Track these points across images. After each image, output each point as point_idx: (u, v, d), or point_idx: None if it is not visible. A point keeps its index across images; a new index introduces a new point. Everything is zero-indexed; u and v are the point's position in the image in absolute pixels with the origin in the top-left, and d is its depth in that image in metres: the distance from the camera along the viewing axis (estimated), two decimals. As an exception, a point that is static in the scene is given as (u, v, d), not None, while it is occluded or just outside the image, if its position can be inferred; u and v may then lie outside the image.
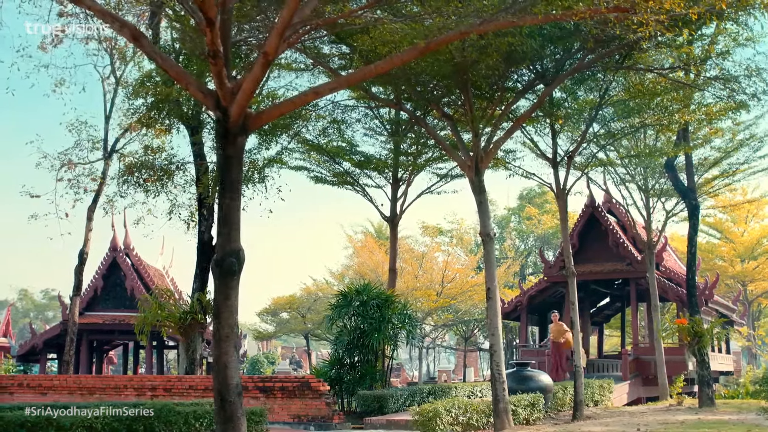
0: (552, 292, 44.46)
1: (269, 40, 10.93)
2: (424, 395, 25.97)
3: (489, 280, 19.78)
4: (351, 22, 12.13)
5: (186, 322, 25.70)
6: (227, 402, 11.52)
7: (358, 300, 25.96)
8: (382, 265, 53.61)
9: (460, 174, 32.00)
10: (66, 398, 23.61)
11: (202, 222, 28.15)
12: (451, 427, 17.99)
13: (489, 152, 19.89)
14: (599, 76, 22.25)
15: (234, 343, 11.92)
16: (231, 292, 11.84)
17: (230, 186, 11.71)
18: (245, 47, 18.32)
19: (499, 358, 19.25)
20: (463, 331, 63.59)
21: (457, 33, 11.76)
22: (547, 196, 77.42)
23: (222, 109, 11.58)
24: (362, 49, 17.70)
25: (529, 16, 11.31)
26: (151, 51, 12.11)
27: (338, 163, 30.95)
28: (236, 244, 11.83)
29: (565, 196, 24.05)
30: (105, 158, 32.60)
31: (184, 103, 27.14)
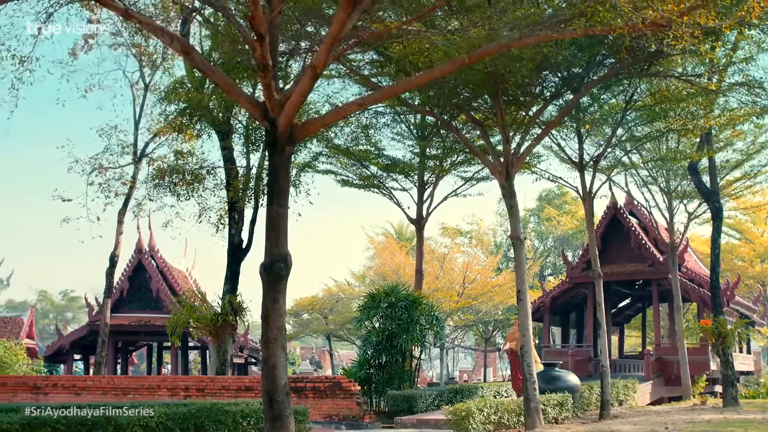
0: (574, 294, 44.82)
1: (318, 55, 11.39)
2: (452, 395, 26.43)
3: (519, 282, 20.24)
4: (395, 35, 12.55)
5: (217, 323, 26.18)
6: (276, 401, 11.98)
7: (386, 302, 26.33)
8: (404, 267, 54.08)
9: (485, 177, 32.49)
10: (99, 398, 24.07)
11: (233, 225, 28.65)
12: (483, 426, 18.39)
13: (520, 157, 20.34)
14: (624, 82, 22.63)
15: (282, 345, 12.41)
16: (279, 296, 12.33)
17: (278, 193, 12.19)
18: (282, 57, 18.78)
19: (530, 358, 19.69)
20: (483, 331, 63.97)
21: (497, 46, 12.20)
22: (566, 197, 77.67)
23: (270, 120, 12.05)
24: (394, 57, 18.14)
25: (567, 31, 11.74)
26: (200, 64, 12.61)
27: (365, 166, 31.41)
28: (284, 249, 12.30)
29: (591, 200, 24.47)
30: (135, 162, 33.11)
31: (215, 109, 27.65)
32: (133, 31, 27.84)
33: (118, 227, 33.68)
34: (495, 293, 53.54)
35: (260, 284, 12.13)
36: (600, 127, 25.42)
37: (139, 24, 13.02)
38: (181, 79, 28.35)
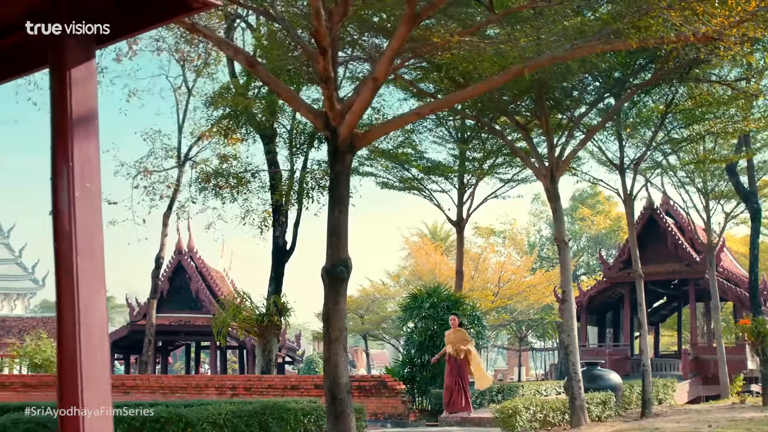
0: (611, 293, 45.14)
1: (379, 67, 11.88)
2: (493, 394, 26.88)
3: (564, 283, 20.71)
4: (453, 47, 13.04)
5: (263, 324, 26.73)
6: (338, 399, 12.49)
7: (428, 302, 26.78)
8: (439, 266, 54.51)
9: (523, 179, 32.93)
10: (148, 397, 24.65)
11: (277, 228, 29.22)
12: (529, 424, 18.81)
13: (564, 161, 20.76)
14: (664, 87, 22.98)
15: (343, 345, 12.93)
16: (340, 298, 12.86)
17: (339, 200, 12.70)
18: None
19: (575, 357, 20.11)
20: (516, 331, 64.30)
21: (550, 57, 12.66)
22: (599, 197, 77.79)
23: (331, 129, 12.55)
24: (442, 65, 18.59)
25: (619, 42, 12.18)
26: (264, 75, 13.13)
27: (407, 169, 31.89)
28: (345, 254, 12.81)
29: (632, 202, 24.84)
30: (179, 166, 33.73)
31: (260, 114, 28.22)
32: (179, 37, 28.53)
33: (163, 229, 34.31)
34: (529, 293, 53.87)
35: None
36: (639, 129, 25.77)
37: (205, 38, 13.57)
38: (227, 85, 28.98)
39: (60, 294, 3.72)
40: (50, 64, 3.90)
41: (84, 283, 3.72)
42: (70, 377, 3.71)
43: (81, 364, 3.70)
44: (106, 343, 3.83)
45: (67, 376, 3.71)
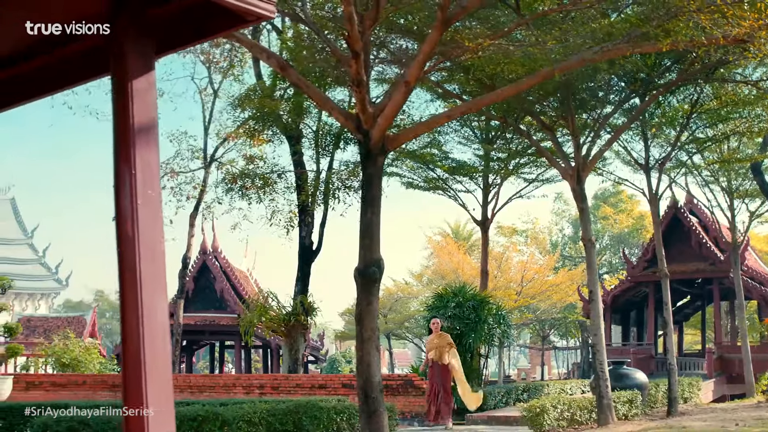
0: (635, 292, 45.14)
1: (411, 71, 12.07)
2: (519, 392, 27.05)
3: (591, 282, 20.82)
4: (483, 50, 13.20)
5: (289, 323, 27.00)
6: (371, 398, 12.70)
7: (454, 301, 26.91)
8: (462, 266, 54.63)
9: (548, 179, 33.06)
10: (177, 396, 24.89)
11: (303, 228, 29.48)
12: (557, 422, 18.93)
13: (591, 161, 20.87)
14: (690, 87, 23.04)
15: (375, 345, 13.14)
16: (373, 298, 13.04)
17: (371, 201, 12.90)
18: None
19: (602, 357, 20.23)
20: (539, 329, 64.35)
21: (580, 60, 12.82)
22: (621, 196, 77.70)
23: (363, 132, 12.75)
24: (469, 67, 18.74)
25: (648, 45, 12.31)
26: (296, 79, 13.34)
27: (432, 169, 32.05)
28: (377, 255, 13.01)
29: (657, 202, 24.93)
30: (205, 167, 34.02)
31: (286, 115, 28.49)
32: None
33: (190, 230, 34.64)
34: (552, 292, 53.92)
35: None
36: (664, 129, 25.82)
37: (238, 42, 13.79)
38: (253, 87, 29.26)
39: (123, 296, 3.85)
40: (112, 76, 4.05)
41: (146, 285, 3.85)
42: (134, 377, 3.85)
43: (145, 364, 3.83)
44: (168, 344, 3.98)
45: (131, 375, 3.85)
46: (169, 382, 4.04)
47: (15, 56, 4.60)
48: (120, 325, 3.97)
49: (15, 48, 4.55)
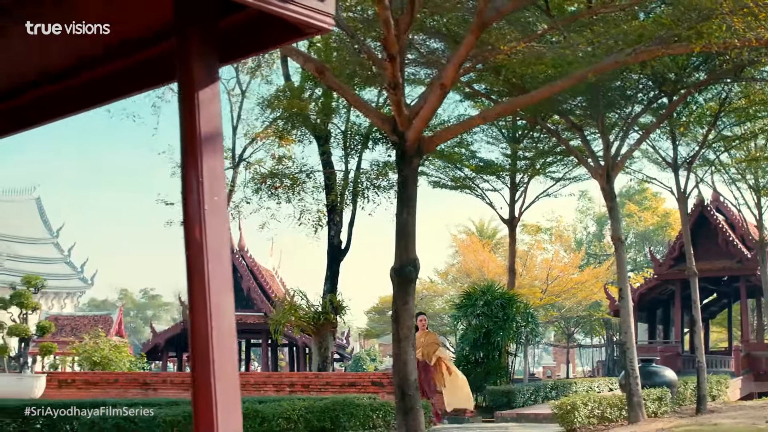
0: (661, 290, 45.17)
1: (447, 74, 12.27)
2: (547, 390, 27.23)
3: (621, 281, 20.97)
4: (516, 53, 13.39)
5: (319, 322, 27.25)
6: (407, 395, 12.89)
7: (482, 300, 27.12)
8: (487, 264, 54.76)
9: (575, 177, 33.20)
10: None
11: (332, 227, 29.74)
12: (587, 420, 19.08)
13: (620, 160, 21.01)
14: (718, 86, 23.13)
15: (411, 343, 13.33)
16: (409, 298, 13.24)
17: (407, 202, 13.10)
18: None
19: (633, 354, 20.34)
20: (564, 327, 64.37)
21: (613, 62, 12.99)
22: (646, 193, 77.55)
23: (399, 134, 12.94)
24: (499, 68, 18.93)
25: (681, 47, 12.47)
26: (333, 83, 13.56)
27: (459, 168, 32.24)
28: (413, 254, 13.20)
29: (685, 200, 25.02)
30: (233, 167, 34.29)
31: (315, 115, 28.76)
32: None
33: (219, 230, 34.81)
34: (578, 290, 53.95)
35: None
36: (691, 128, 25.90)
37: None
38: (282, 88, 29.54)
39: (192, 298, 4.00)
40: (179, 86, 4.22)
41: (214, 287, 4.01)
42: (203, 375, 4.00)
43: (213, 363, 3.98)
44: (234, 343, 4.15)
45: (200, 374, 3.99)
46: (237, 379, 4.18)
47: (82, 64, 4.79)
48: (189, 326, 4.11)
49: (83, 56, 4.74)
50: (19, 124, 5.53)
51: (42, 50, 4.78)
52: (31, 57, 4.87)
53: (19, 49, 4.73)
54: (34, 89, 5.08)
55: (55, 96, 5.07)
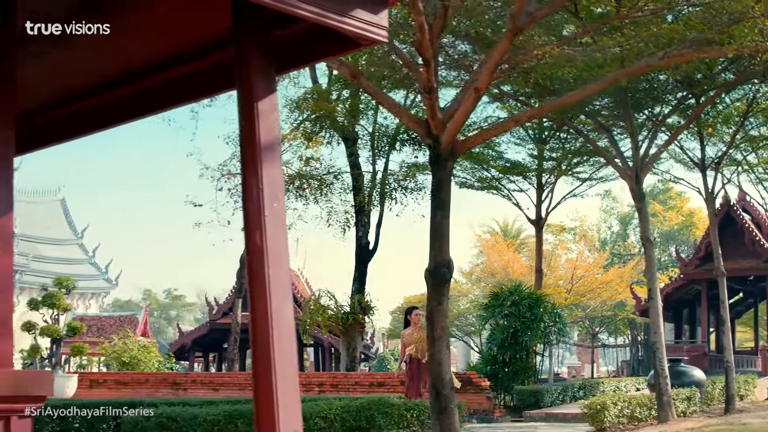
0: (687, 290, 45.16)
1: (481, 78, 12.43)
2: (575, 390, 27.37)
3: (650, 281, 21.07)
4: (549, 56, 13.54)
5: (347, 322, 27.48)
6: (442, 395, 13.06)
7: (510, 300, 27.28)
8: (512, 264, 54.83)
9: (601, 178, 33.30)
10: (237, 394, 25.42)
11: (360, 228, 29.96)
12: (617, 419, 19.20)
13: (649, 161, 21.13)
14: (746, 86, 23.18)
15: (446, 343, 13.52)
16: (443, 299, 13.43)
17: (441, 205, 13.28)
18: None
19: (662, 354, 20.45)
20: (589, 327, 64.34)
21: (644, 66, 13.13)
22: (671, 193, 77.32)
23: (433, 137, 13.12)
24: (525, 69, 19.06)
25: (713, 50, 12.60)
26: (367, 87, 13.76)
27: (486, 169, 32.41)
28: (447, 256, 13.39)
29: (713, 200, 25.08)
30: (261, 168, 34.41)
31: (343, 117, 28.98)
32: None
33: (246, 230, 35.05)
34: (603, 289, 53.90)
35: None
36: (719, 128, 25.94)
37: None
38: (310, 90, 29.77)
39: (253, 301, 4.17)
40: (238, 95, 4.38)
41: (274, 290, 4.17)
42: (265, 375, 4.17)
43: (274, 363, 4.16)
44: (294, 343, 4.31)
45: (261, 374, 4.16)
46: (296, 380, 4.34)
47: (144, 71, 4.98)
48: (250, 327, 4.29)
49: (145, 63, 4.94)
50: (77, 130, 5.75)
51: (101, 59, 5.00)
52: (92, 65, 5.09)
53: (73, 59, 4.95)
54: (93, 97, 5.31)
55: (116, 102, 5.28)
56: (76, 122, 5.59)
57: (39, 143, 5.71)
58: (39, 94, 5.23)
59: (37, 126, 5.46)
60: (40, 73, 4.88)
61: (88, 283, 74.15)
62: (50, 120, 5.55)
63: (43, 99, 5.37)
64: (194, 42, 4.71)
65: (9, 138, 4.13)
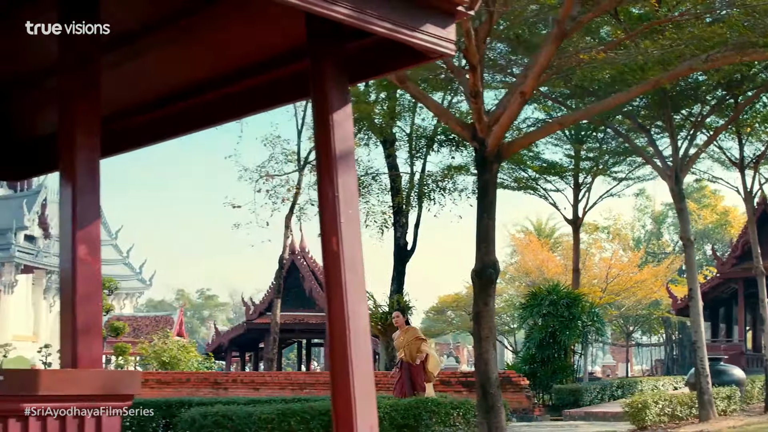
0: (723, 289, 45.06)
1: (528, 82, 12.65)
2: (614, 389, 27.49)
3: (690, 281, 21.19)
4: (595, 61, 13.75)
5: (386, 322, 27.71)
6: (489, 394, 13.27)
7: (548, 299, 27.44)
8: (546, 263, 54.79)
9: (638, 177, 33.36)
10: (278, 393, 25.70)
11: (398, 228, 30.21)
12: (658, 418, 19.34)
13: (689, 161, 21.25)
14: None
15: (493, 342, 13.74)
16: (489, 299, 13.64)
17: (487, 207, 13.49)
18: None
19: (703, 353, 20.55)
20: (623, 326, 64.18)
21: (687, 69, 13.31)
22: (705, 191, 76.95)
23: (479, 140, 13.34)
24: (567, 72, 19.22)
25: (757, 53, 12.74)
26: (414, 91, 14.01)
27: (523, 169, 32.56)
28: (493, 257, 13.60)
29: (752, 199, 25.12)
30: (299, 170, 34.76)
31: (381, 119, 29.24)
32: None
33: (286, 232, 35.34)
34: (637, 288, 53.74)
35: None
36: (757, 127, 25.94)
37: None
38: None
39: (330, 303, 4.35)
40: (313, 105, 4.55)
41: (350, 293, 4.36)
42: (342, 374, 4.37)
43: (351, 362, 4.37)
44: (369, 343, 4.49)
45: (339, 373, 4.36)
46: (372, 377, 4.52)
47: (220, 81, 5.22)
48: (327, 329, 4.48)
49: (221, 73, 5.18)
50: (154, 136, 6.00)
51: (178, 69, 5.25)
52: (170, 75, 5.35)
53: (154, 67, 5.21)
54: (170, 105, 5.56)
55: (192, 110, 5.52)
56: (154, 128, 5.82)
57: (117, 148, 5.85)
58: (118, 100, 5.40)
59: (116, 131, 5.58)
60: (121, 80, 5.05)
61: (123, 283, 74.74)
62: (130, 126, 5.73)
63: (122, 105, 5.55)
64: (269, 53, 4.92)
65: (95, 145, 4.32)
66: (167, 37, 4.78)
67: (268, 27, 4.67)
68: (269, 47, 4.94)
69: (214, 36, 4.84)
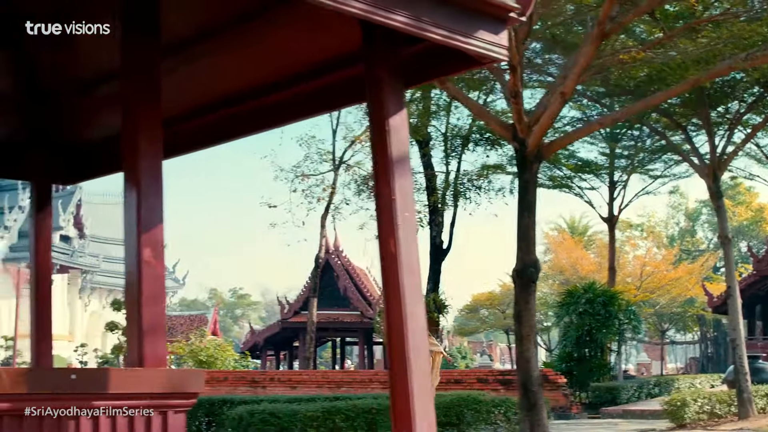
0: (760, 286, 44.80)
1: (568, 83, 12.76)
2: (651, 387, 27.49)
3: (729, 278, 21.21)
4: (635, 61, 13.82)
5: (422, 322, 27.83)
6: (530, 391, 13.40)
7: (584, 298, 27.47)
8: (580, 261, 54.65)
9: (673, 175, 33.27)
10: (315, 391, 25.89)
11: (434, 228, 30.30)
12: (697, 416, 19.35)
13: (726, 159, 21.24)
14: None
15: (534, 341, 13.87)
16: (530, 298, 13.77)
17: (528, 206, 13.62)
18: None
19: (742, 351, 20.53)
20: (657, 324, 63.89)
21: (726, 68, 13.36)
22: (739, 188, 76.39)
23: (519, 140, 13.47)
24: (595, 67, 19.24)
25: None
26: (456, 92, 14.16)
27: (558, 168, 32.54)
28: (533, 256, 13.73)
29: (790, 196, 25.02)
30: (334, 169, 34.88)
31: (415, 118, 29.28)
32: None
33: (321, 231, 35.48)
34: (672, 286, 53.47)
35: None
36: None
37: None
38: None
39: (388, 304, 4.44)
40: (368, 110, 4.61)
41: (407, 294, 4.42)
42: (401, 371, 4.46)
43: (409, 362, 4.47)
44: (426, 343, 4.59)
45: (397, 372, 4.44)
46: (428, 374, 4.63)
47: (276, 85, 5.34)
48: (385, 328, 4.57)
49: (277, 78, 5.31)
50: (210, 139, 6.14)
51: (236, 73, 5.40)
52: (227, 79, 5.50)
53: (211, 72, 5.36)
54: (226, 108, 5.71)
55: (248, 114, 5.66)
56: (212, 131, 5.96)
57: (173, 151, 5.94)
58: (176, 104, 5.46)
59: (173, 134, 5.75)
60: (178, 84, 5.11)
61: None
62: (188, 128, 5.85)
63: (181, 109, 5.64)
64: (323, 59, 5.03)
65: (158, 150, 4.40)
66: (224, 42, 4.89)
67: (323, 33, 4.74)
68: (323, 53, 5.02)
69: (270, 42, 4.94)
